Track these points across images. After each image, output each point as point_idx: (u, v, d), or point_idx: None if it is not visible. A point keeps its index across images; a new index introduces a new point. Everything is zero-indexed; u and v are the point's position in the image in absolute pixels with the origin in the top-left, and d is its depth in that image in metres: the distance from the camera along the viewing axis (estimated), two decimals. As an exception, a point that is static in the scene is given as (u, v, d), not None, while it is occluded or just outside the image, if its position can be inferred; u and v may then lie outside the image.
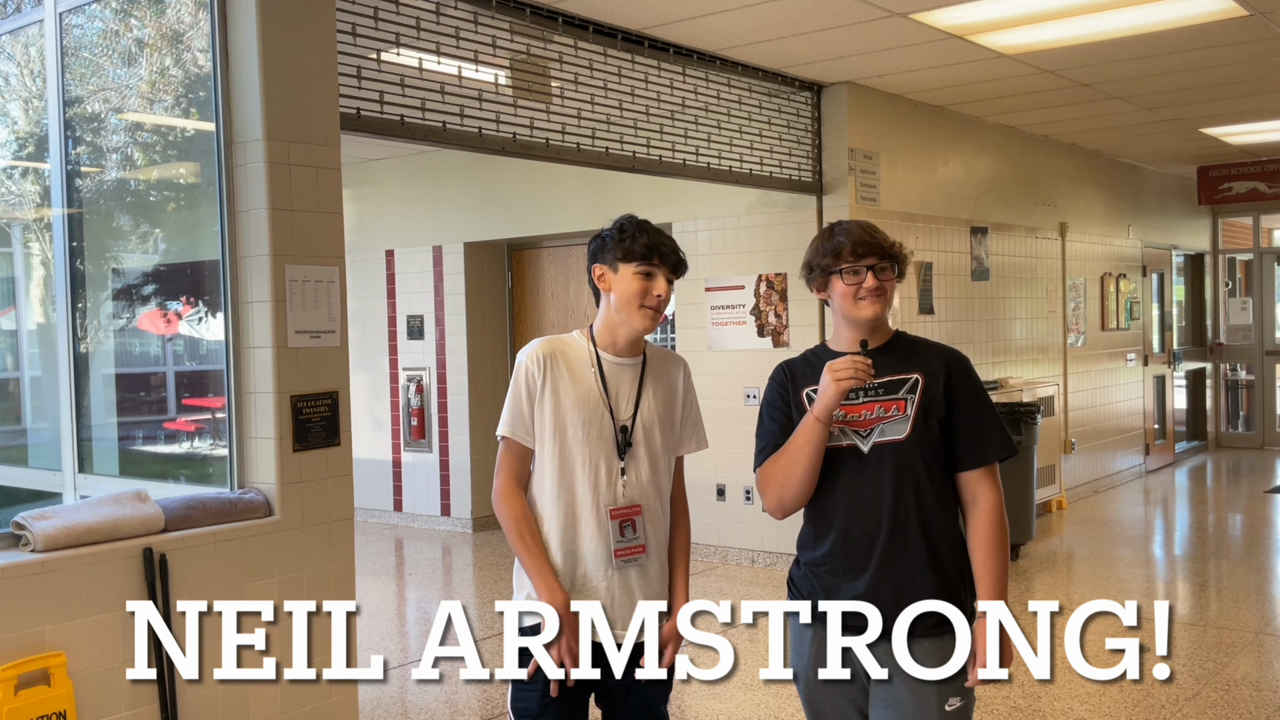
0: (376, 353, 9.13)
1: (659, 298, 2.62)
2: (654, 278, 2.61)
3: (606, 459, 2.62)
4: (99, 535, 3.33)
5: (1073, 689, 4.81)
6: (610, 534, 2.61)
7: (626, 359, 2.69)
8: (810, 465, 2.45)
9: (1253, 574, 6.86)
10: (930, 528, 2.45)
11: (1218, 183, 11.36)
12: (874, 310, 2.48)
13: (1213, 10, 5.59)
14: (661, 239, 2.64)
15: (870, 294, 2.47)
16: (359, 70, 4.30)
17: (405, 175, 9.03)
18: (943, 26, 5.69)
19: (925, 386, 2.47)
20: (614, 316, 2.65)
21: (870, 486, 2.45)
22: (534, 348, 2.64)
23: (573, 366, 2.63)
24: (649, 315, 2.62)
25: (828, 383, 2.39)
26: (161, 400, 5.06)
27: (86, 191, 4.70)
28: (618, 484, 2.63)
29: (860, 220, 2.56)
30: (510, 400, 2.63)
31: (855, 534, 2.46)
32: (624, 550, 2.62)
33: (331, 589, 3.91)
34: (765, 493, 2.55)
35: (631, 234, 2.63)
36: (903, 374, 2.49)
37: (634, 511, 2.64)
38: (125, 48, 4.53)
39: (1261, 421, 12.52)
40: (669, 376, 2.77)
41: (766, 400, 2.62)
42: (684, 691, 4.89)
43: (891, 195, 7.21)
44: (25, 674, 3.11)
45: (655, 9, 5.26)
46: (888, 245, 2.50)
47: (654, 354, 2.76)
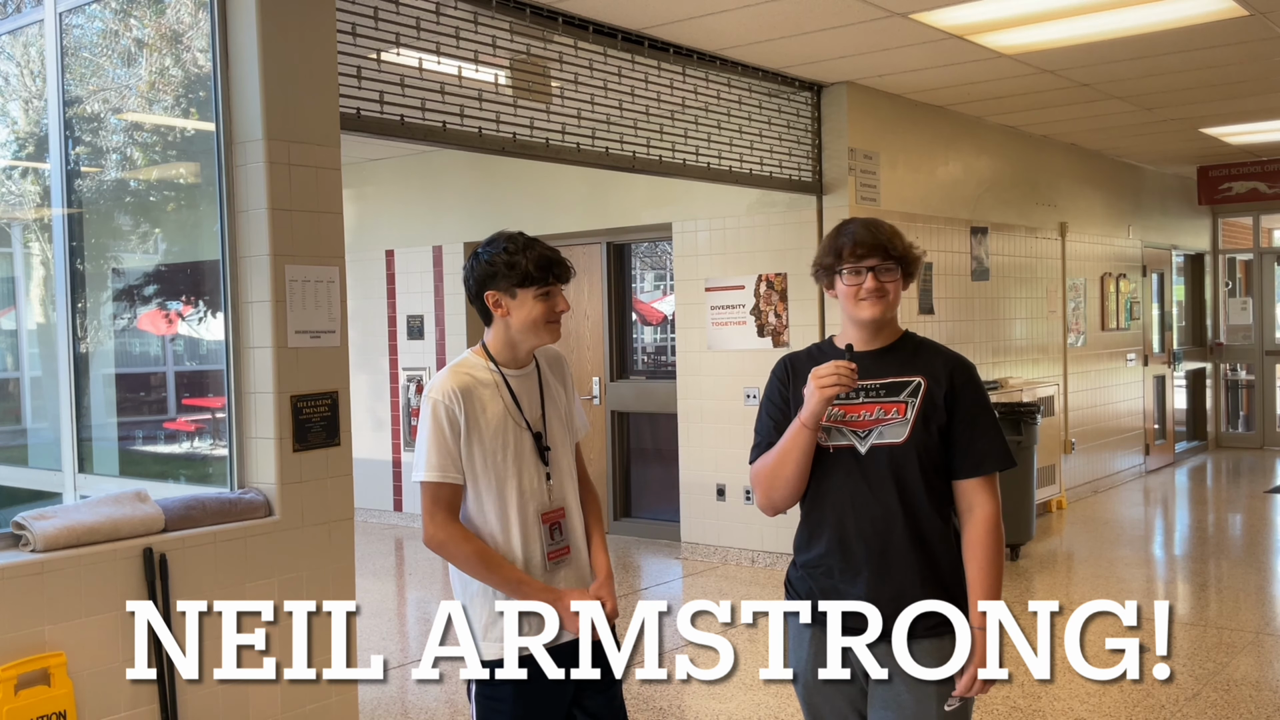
0: (376, 353, 9.13)
1: (562, 311, 2.66)
2: (553, 295, 2.63)
3: (533, 469, 2.67)
4: (99, 535, 3.33)
5: (1073, 689, 4.81)
6: (543, 539, 2.66)
7: (527, 369, 2.72)
8: (796, 469, 2.44)
9: (1253, 574, 6.86)
10: (925, 533, 2.43)
11: (1218, 183, 11.35)
12: (873, 312, 2.46)
13: (1213, 10, 5.59)
14: (551, 255, 2.63)
15: (871, 295, 2.44)
16: (359, 70, 4.30)
17: (405, 175, 9.03)
18: (943, 26, 5.69)
19: (927, 391, 2.45)
20: (515, 336, 2.65)
21: (866, 489, 2.44)
22: (445, 384, 2.60)
23: (483, 393, 2.63)
24: (555, 329, 2.66)
25: (812, 390, 2.38)
26: (161, 400, 5.06)
27: (86, 191, 4.70)
28: (544, 490, 2.68)
29: (871, 219, 2.52)
30: (433, 442, 2.58)
31: (850, 536, 2.45)
32: (554, 553, 2.68)
33: (331, 589, 3.91)
34: (756, 489, 2.56)
35: (522, 257, 2.60)
36: (906, 376, 2.47)
37: (559, 514, 2.69)
38: (125, 48, 4.53)
39: (1261, 421, 12.52)
40: (558, 372, 2.82)
41: (766, 395, 2.62)
42: (684, 691, 4.89)
43: (891, 195, 7.21)
44: (25, 674, 3.11)
45: (655, 9, 5.26)
46: (893, 246, 2.46)
47: (541, 355, 2.78)
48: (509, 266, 2.60)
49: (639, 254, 8.62)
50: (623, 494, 8.46)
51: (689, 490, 7.53)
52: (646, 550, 7.93)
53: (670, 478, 7.86)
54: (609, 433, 8.41)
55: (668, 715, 4.63)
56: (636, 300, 8.61)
